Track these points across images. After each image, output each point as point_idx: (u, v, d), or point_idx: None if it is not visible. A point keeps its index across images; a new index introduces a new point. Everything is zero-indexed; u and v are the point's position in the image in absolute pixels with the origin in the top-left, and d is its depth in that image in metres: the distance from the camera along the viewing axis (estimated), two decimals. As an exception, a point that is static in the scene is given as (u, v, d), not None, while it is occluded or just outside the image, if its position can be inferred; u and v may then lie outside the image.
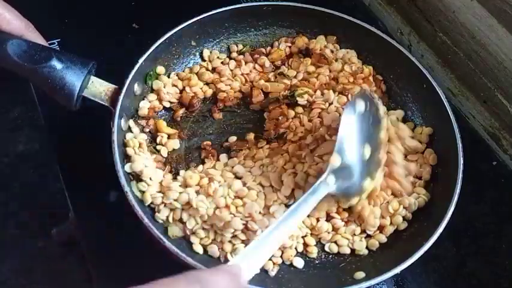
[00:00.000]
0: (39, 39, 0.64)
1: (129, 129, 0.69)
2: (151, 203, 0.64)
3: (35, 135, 1.29)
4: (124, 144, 0.67)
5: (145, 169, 0.65)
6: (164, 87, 0.73)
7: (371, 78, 0.77)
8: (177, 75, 0.76)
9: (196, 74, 0.76)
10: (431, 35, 0.85)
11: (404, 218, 0.67)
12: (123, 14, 0.89)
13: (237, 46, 0.80)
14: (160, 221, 0.64)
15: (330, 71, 0.77)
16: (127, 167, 0.65)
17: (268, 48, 0.80)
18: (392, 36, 0.77)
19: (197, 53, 0.79)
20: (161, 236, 0.59)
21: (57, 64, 0.61)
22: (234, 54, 0.79)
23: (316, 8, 0.78)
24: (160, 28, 0.73)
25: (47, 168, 1.23)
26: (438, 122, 0.72)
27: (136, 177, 0.65)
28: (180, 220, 0.64)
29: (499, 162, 0.79)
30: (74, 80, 0.61)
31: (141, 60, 0.69)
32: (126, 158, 0.66)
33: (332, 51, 0.79)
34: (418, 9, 0.86)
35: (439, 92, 0.71)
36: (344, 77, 0.76)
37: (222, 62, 0.78)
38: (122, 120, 0.67)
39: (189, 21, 0.74)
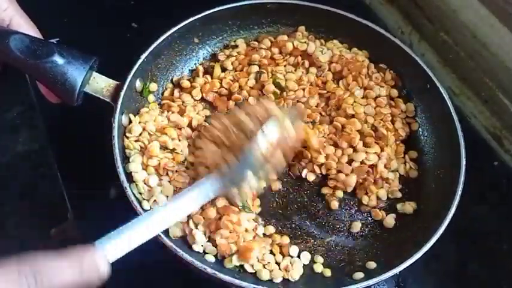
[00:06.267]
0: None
1: (130, 127, 0.68)
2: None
3: (34, 136, 1.28)
4: (124, 146, 0.66)
5: (139, 172, 0.65)
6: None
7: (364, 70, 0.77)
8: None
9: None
10: (432, 34, 0.85)
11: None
12: (122, 13, 0.89)
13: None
14: None
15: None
16: (126, 166, 0.64)
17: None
18: (394, 35, 0.77)
19: (200, 51, 0.79)
20: (161, 234, 0.59)
21: (59, 59, 0.61)
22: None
23: (321, 6, 0.78)
24: (159, 27, 0.73)
25: (46, 168, 1.23)
26: (441, 122, 0.72)
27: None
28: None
29: (501, 162, 0.79)
30: (76, 75, 0.61)
31: (143, 56, 0.70)
32: (126, 157, 0.66)
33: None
34: (418, 7, 0.86)
35: (442, 92, 0.71)
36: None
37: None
38: (123, 116, 0.67)
39: (192, 18, 0.74)
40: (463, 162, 0.66)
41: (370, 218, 0.70)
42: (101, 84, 0.65)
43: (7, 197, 1.25)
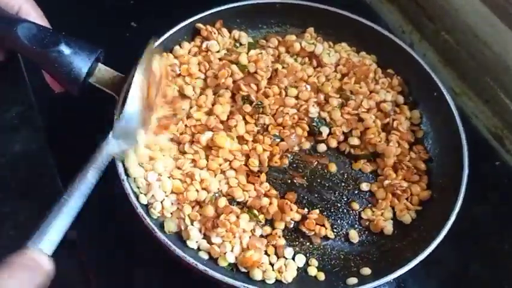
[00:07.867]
0: None
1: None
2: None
3: (33, 136, 1.28)
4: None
5: (136, 169, 0.64)
6: None
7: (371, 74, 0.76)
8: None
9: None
10: (434, 33, 0.85)
11: None
12: (122, 13, 0.89)
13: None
14: (156, 217, 0.63)
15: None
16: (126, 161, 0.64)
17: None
18: (394, 34, 0.77)
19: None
20: (154, 228, 0.59)
21: (65, 49, 0.61)
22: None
23: (329, 8, 0.78)
24: (159, 27, 0.73)
25: (45, 168, 1.22)
26: (443, 124, 0.72)
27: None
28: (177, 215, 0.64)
29: (502, 162, 0.79)
30: (81, 65, 0.61)
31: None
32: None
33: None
34: (419, 7, 0.86)
35: (444, 93, 0.71)
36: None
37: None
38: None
39: (200, 15, 0.75)
40: (465, 171, 0.66)
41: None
42: (105, 76, 0.65)
43: (6, 197, 1.25)
